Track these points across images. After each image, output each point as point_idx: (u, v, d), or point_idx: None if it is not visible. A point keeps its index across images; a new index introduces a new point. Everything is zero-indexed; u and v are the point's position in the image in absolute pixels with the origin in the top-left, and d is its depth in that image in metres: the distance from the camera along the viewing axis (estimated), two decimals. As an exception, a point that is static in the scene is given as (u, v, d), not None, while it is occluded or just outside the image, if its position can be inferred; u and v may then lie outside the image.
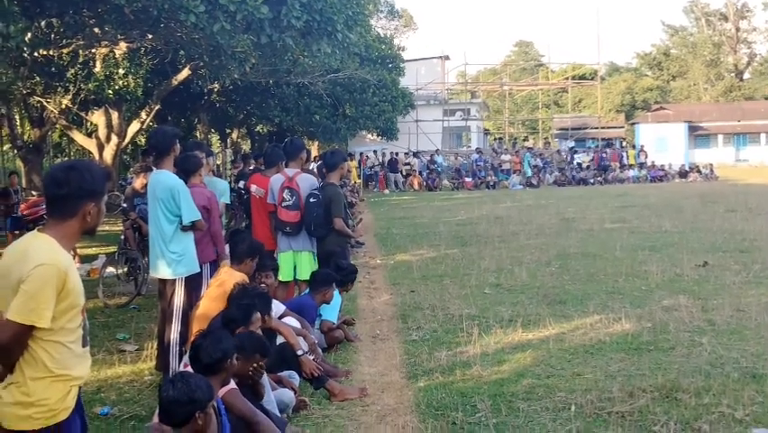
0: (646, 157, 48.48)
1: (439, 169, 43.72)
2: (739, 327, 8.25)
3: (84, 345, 3.55)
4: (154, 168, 7.56)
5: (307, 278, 8.71)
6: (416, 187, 41.00)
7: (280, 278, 8.42)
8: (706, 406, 5.81)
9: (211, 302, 6.43)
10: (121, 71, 20.03)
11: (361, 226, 19.33)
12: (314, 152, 29.88)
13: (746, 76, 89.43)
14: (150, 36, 17.45)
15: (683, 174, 45.46)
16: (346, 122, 36.08)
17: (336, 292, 8.35)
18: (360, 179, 39.27)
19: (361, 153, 43.14)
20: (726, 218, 19.38)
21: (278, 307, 7.21)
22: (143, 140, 28.62)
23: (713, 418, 5.58)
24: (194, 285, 7.31)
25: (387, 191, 39.97)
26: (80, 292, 3.46)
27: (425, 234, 18.18)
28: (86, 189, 3.46)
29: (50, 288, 3.27)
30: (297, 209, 8.90)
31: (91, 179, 3.49)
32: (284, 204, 8.96)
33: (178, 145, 7.39)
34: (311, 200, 8.93)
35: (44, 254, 3.31)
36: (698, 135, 65.09)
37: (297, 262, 8.97)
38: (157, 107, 22.69)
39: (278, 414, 5.60)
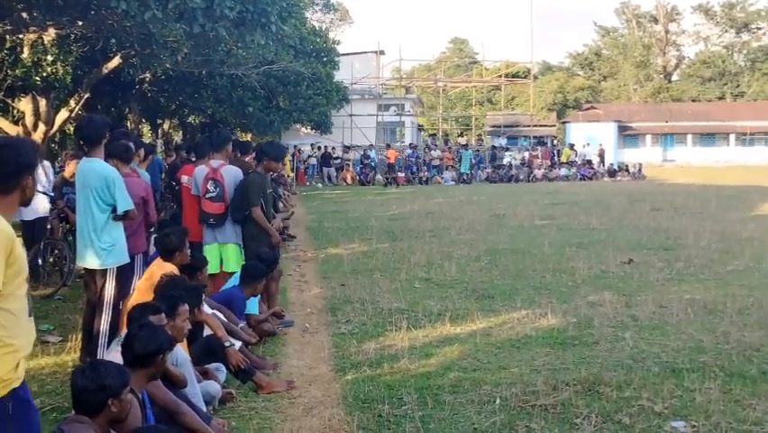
0: (584, 155, 49.29)
1: (372, 163, 43.75)
2: (661, 322, 8.44)
3: (29, 315, 3.55)
4: (84, 156, 7.44)
5: (235, 270, 8.69)
6: (349, 181, 40.97)
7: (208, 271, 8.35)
8: (627, 399, 5.94)
9: (142, 294, 6.37)
10: (49, 58, 19.56)
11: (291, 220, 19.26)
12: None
13: (675, 78, 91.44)
14: (80, 23, 17.09)
15: (612, 173, 46.20)
16: (280, 114, 35.79)
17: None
18: (293, 172, 39.08)
19: (295, 146, 42.93)
20: (652, 217, 19.77)
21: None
22: (72, 128, 28.06)
23: (633, 411, 5.70)
24: (124, 276, 7.23)
25: (320, 185, 39.88)
26: (25, 260, 3.49)
27: (356, 228, 18.19)
28: (23, 164, 3.60)
29: (1, 253, 3.27)
30: (221, 201, 8.85)
31: (26, 154, 3.63)
32: (207, 195, 8.90)
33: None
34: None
35: None
36: (627, 135, 66.43)
37: (224, 254, 8.91)
38: (86, 96, 22.20)
39: (204, 406, 5.56)
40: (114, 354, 4.98)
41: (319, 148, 42.95)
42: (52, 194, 11.55)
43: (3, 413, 3.34)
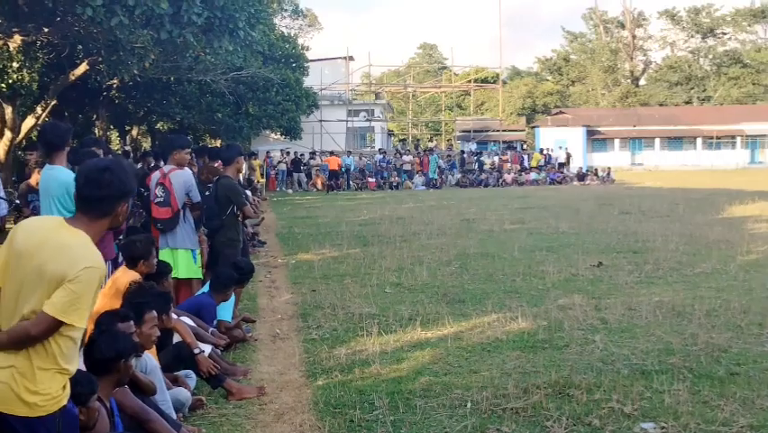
0: (556, 159, 49.61)
1: (343, 169, 43.73)
2: (630, 325, 8.49)
3: (82, 345, 3.68)
4: (47, 163, 7.38)
5: (186, 276, 8.69)
6: (320, 186, 40.91)
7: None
8: (597, 401, 5.96)
9: (106, 300, 6.30)
10: (15, 65, 19.40)
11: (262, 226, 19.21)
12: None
13: (642, 82, 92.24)
14: (46, 29, 16.96)
15: (581, 177, 46.51)
16: (249, 120, 35.73)
17: None
18: (263, 178, 38.97)
19: (267, 152, 42.84)
20: (621, 220, 19.91)
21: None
22: (37, 136, 27.83)
23: (603, 413, 5.73)
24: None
25: (290, 191, 39.79)
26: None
27: (327, 233, 18.16)
28: (123, 191, 3.56)
29: (94, 291, 3.39)
30: (167, 206, 8.78)
31: (127, 181, 3.58)
32: (156, 200, 8.85)
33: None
34: (206, 193, 8.88)
35: (91, 255, 3.39)
36: (595, 139, 66.91)
37: (175, 259, 8.83)
38: (53, 103, 22.03)
39: (174, 414, 5.51)
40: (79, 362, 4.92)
41: (288, 153, 42.85)
42: (17, 202, 11.42)
43: (53, 427, 3.45)
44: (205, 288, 8.33)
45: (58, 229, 3.46)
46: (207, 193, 8.93)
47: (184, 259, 8.88)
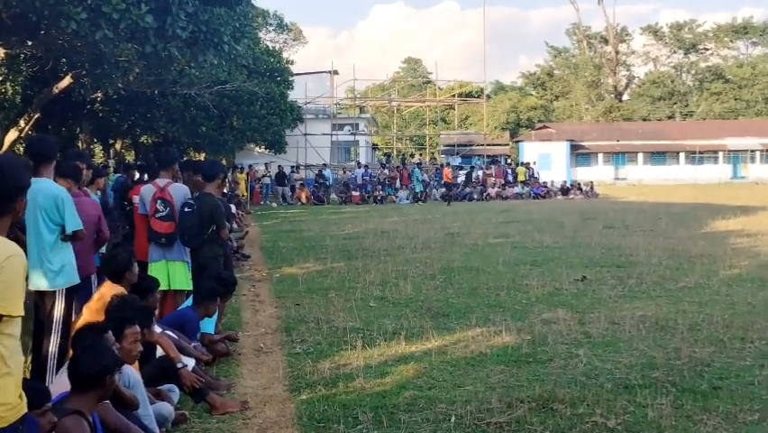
0: (536, 173, 49.80)
1: (327, 183, 43.77)
2: (614, 339, 8.51)
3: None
4: (33, 176, 7.35)
5: (182, 288, 8.65)
6: (304, 200, 40.91)
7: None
8: (580, 416, 5.97)
9: (91, 315, 6.28)
10: (-2, 77, 19.41)
11: (246, 240, 19.19)
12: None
13: (625, 97, 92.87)
14: (29, 42, 16.93)
15: (565, 191, 46.65)
16: (233, 134, 35.72)
17: None
18: (247, 191, 38.95)
19: (250, 166, 42.79)
20: (605, 234, 19.99)
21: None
22: (22, 149, 27.72)
23: (587, 427, 5.74)
24: (76, 297, 7.12)
25: (275, 205, 39.77)
26: None
27: (311, 247, 18.14)
28: (18, 187, 3.55)
29: (21, 278, 3.33)
30: (171, 220, 8.78)
31: (21, 176, 3.58)
32: (158, 215, 8.82)
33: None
34: (185, 209, 8.84)
35: (8, 246, 3.35)
36: (579, 154, 67.21)
37: (171, 271, 8.81)
38: (36, 116, 21.97)
39: (157, 428, 5.48)
40: (63, 378, 4.89)
41: (267, 166, 42.90)
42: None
43: None
44: (189, 301, 8.31)
45: None
46: (187, 209, 8.88)
47: (180, 271, 8.87)
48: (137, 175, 16.55)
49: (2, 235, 3.47)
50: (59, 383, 4.96)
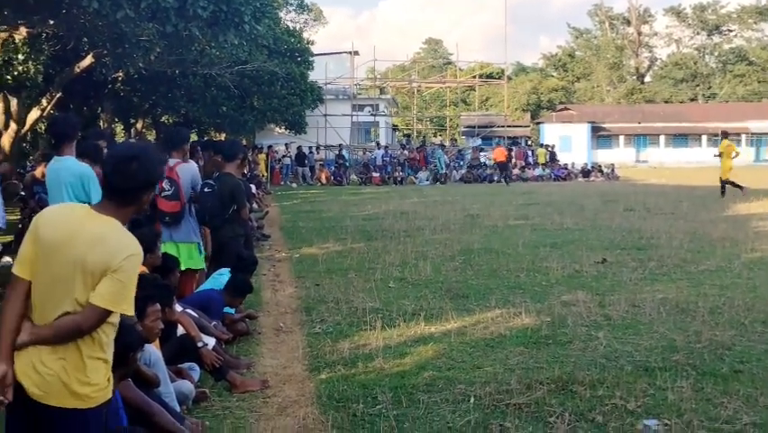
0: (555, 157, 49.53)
1: (347, 163, 43.75)
2: (634, 321, 8.48)
3: None
4: (55, 155, 7.40)
5: (194, 267, 8.77)
6: (324, 181, 40.92)
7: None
8: (600, 398, 5.96)
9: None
10: (20, 57, 19.40)
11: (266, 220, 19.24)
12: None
13: (647, 79, 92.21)
14: (51, 22, 17.00)
15: (586, 174, 46.44)
16: (254, 114, 35.73)
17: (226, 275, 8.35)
18: (267, 172, 39.00)
19: (270, 146, 42.81)
20: (625, 217, 19.86)
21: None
22: (43, 128, 27.85)
23: (606, 409, 5.73)
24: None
25: (294, 185, 39.80)
26: None
27: (331, 227, 18.15)
28: (149, 181, 3.57)
29: (137, 277, 3.44)
30: (176, 199, 8.77)
31: (153, 170, 3.59)
32: (163, 194, 8.81)
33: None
34: (205, 189, 8.87)
35: (129, 242, 3.44)
36: (600, 136, 66.91)
37: (180, 252, 8.83)
38: (58, 95, 22.06)
39: (178, 406, 5.52)
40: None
41: (288, 147, 42.91)
42: (23, 193, 11.46)
43: (101, 419, 3.54)
44: (215, 283, 8.35)
45: (88, 219, 3.45)
46: (207, 189, 8.92)
47: (185, 251, 8.88)
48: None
49: (125, 223, 3.55)
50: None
